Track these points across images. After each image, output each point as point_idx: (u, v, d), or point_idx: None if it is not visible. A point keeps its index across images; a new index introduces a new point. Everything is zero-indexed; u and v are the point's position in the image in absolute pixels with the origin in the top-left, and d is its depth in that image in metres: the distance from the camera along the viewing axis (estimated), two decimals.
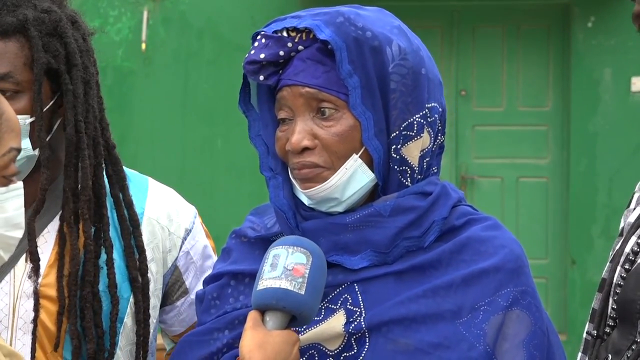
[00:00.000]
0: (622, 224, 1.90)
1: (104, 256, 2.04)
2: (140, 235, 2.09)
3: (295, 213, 1.84)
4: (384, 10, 1.87)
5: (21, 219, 1.68)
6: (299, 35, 1.81)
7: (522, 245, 1.88)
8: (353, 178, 1.79)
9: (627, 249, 1.78)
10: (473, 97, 8.34)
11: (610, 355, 1.73)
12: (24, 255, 2.01)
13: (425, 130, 1.82)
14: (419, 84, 1.80)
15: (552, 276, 8.12)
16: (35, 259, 1.97)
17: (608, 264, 1.84)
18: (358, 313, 1.78)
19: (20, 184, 1.68)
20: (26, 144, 1.96)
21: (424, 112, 1.81)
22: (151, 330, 2.11)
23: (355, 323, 1.77)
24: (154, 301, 2.12)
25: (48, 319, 2.00)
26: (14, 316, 2.00)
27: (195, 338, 1.90)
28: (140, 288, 2.07)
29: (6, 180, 1.67)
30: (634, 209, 1.86)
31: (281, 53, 1.80)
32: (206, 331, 1.88)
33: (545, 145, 8.26)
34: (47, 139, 1.99)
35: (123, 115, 8.00)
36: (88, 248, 2.01)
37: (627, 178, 7.82)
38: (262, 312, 1.69)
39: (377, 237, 1.80)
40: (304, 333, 1.79)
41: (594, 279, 7.74)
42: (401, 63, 1.79)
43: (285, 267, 1.69)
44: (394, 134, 1.79)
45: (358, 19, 1.78)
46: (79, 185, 2.02)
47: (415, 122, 1.80)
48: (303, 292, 1.67)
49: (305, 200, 1.83)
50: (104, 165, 2.08)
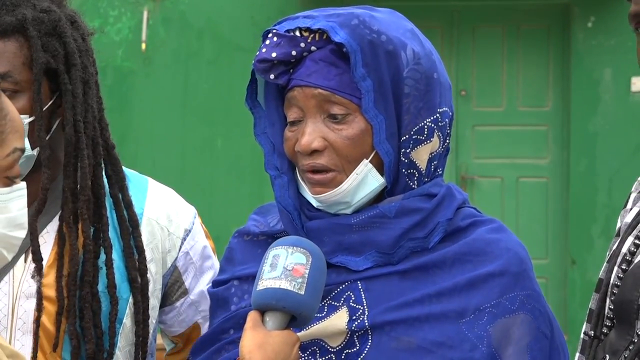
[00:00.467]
0: (619, 224, 1.89)
1: (103, 256, 2.03)
2: (140, 235, 2.08)
3: (300, 213, 1.83)
4: (396, 12, 1.86)
5: (24, 219, 1.68)
6: (311, 36, 1.79)
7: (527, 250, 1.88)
8: (364, 183, 1.79)
9: (624, 249, 1.78)
10: (473, 97, 8.34)
11: (607, 356, 1.73)
12: (23, 256, 2.00)
13: (435, 134, 1.82)
14: (432, 89, 1.80)
15: (552, 276, 8.12)
16: (38, 258, 1.96)
17: (605, 264, 1.84)
18: (361, 311, 1.78)
19: (24, 184, 1.68)
20: (25, 144, 1.95)
21: (435, 117, 1.82)
22: (150, 331, 2.11)
23: (359, 321, 1.77)
24: (153, 302, 2.12)
25: (47, 320, 1.99)
26: (13, 317, 2.00)
27: (211, 336, 1.90)
28: (139, 288, 2.06)
29: (10, 181, 1.67)
30: (631, 209, 1.86)
31: (293, 53, 1.79)
32: (219, 330, 1.89)
33: (545, 145, 8.26)
34: (47, 138, 1.99)
35: (123, 115, 8.00)
36: (87, 248, 2.01)
37: (627, 178, 7.82)
38: (262, 312, 1.69)
39: (382, 238, 1.80)
40: (307, 329, 1.79)
41: (594, 279, 7.66)
42: (415, 68, 1.78)
43: (285, 267, 1.69)
44: (405, 137, 1.79)
45: (373, 22, 1.77)
46: (78, 186, 2.02)
47: (426, 127, 1.81)
48: (303, 293, 1.67)
49: (314, 202, 1.83)
50: (103, 165, 2.07)
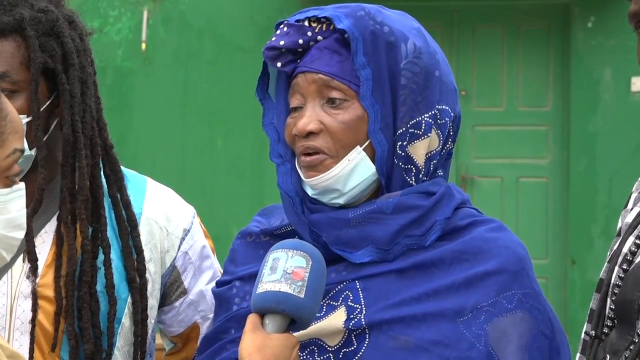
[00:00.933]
0: (619, 224, 1.89)
1: (101, 256, 2.03)
2: (138, 235, 2.08)
3: (302, 200, 1.85)
4: (407, 14, 1.90)
5: (23, 219, 1.68)
6: (319, 26, 1.84)
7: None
8: (355, 170, 1.80)
9: (625, 249, 1.78)
10: (473, 97, 8.34)
11: (608, 356, 1.73)
12: (21, 256, 2.00)
13: (433, 131, 1.83)
14: (431, 85, 1.82)
15: (552, 276, 8.11)
16: (33, 258, 1.97)
17: (606, 264, 1.84)
18: (359, 310, 1.79)
19: (22, 184, 1.68)
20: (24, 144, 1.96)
21: (433, 113, 1.83)
22: (149, 331, 2.11)
23: (356, 320, 1.78)
24: (152, 301, 2.12)
25: (45, 320, 1.99)
26: (11, 317, 2.00)
27: (212, 335, 1.91)
28: (138, 288, 2.06)
29: (9, 181, 1.67)
30: (632, 209, 1.86)
31: (300, 41, 1.83)
32: (221, 330, 1.89)
33: (545, 145, 8.26)
34: (44, 138, 1.99)
35: (123, 115, 8.00)
36: (85, 248, 2.01)
37: (627, 178, 7.82)
38: (262, 315, 1.69)
39: (378, 234, 1.80)
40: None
41: (594, 279, 7.70)
42: (414, 61, 1.81)
43: (285, 270, 1.68)
44: (401, 130, 1.81)
45: (378, 15, 1.82)
46: (76, 185, 2.02)
47: (423, 122, 1.82)
48: (302, 296, 1.67)
49: (309, 191, 1.84)
50: (101, 165, 2.07)
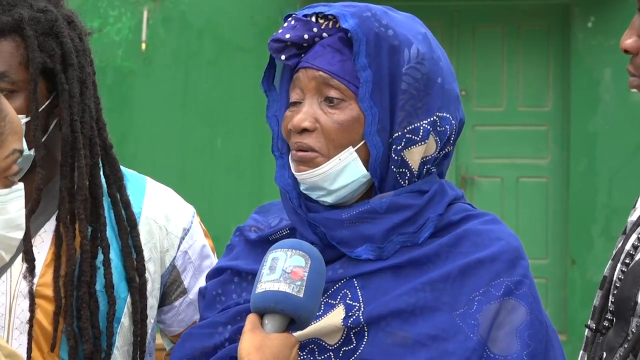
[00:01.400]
0: (627, 223, 1.90)
1: (101, 256, 2.03)
2: (138, 235, 2.08)
3: (299, 194, 1.85)
4: (415, 17, 1.90)
5: (22, 220, 1.68)
6: (326, 23, 1.84)
7: (522, 245, 1.87)
8: (345, 170, 1.80)
9: (627, 247, 1.79)
10: (473, 97, 8.34)
11: (605, 353, 1.73)
12: (20, 255, 2.00)
13: (431, 137, 1.82)
14: (432, 92, 1.81)
15: (552, 276, 8.11)
16: (30, 258, 1.97)
17: (610, 261, 1.84)
18: (357, 307, 1.79)
19: (21, 185, 1.69)
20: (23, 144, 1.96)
21: (432, 119, 1.82)
22: (149, 331, 2.11)
23: (354, 317, 1.78)
24: (152, 301, 2.12)
25: (45, 319, 1.99)
26: (10, 316, 2.00)
27: (198, 331, 1.90)
28: (137, 288, 2.06)
29: (8, 182, 1.67)
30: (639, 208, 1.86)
31: (305, 36, 1.83)
32: (209, 324, 1.89)
33: (545, 145, 8.26)
34: (43, 138, 1.99)
35: (123, 115, 8.00)
36: (84, 248, 2.01)
37: (627, 178, 7.82)
38: (261, 315, 1.69)
39: (372, 232, 1.81)
40: (304, 329, 1.78)
41: (594, 279, 7.74)
42: (416, 67, 1.80)
43: (284, 270, 1.68)
44: (397, 134, 1.80)
45: (384, 17, 1.82)
46: (76, 185, 2.02)
47: (421, 128, 1.81)
48: (302, 295, 1.67)
49: (300, 186, 1.84)
50: (101, 165, 2.07)
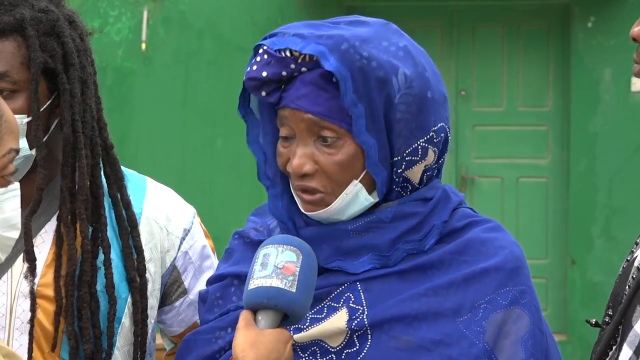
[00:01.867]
0: None
1: (101, 256, 2.03)
2: (138, 235, 2.08)
3: (294, 222, 1.84)
4: (388, 24, 1.84)
5: (18, 219, 1.69)
6: (302, 57, 1.77)
7: (522, 245, 1.88)
8: (353, 201, 1.80)
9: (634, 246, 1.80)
10: (473, 97, 8.34)
11: (597, 349, 1.74)
12: (21, 255, 2.00)
13: (430, 151, 1.82)
14: (425, 109, 1.79)
15: (552, 276, 8.11)
16: (31, 258, 1.97)
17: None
18: (361, 311, 1.79)
19: (17, 184, 1.69)
20: (23, 143, 1.96)
21: (429, 136, 1.81)
22: (149, 331, 2.11)
23: (358, 320, 1.78)
24: (152, 301, 2.12)
25: (45, 319, 1.99)
26: (11, 316, 2.00)
27: (198, 337, 1.90)
28: (138, 288, 2.07)
29: (5, 181, 1.67)
30: None
31: (284, 73, 1.78)
32: (209, 330, 1.89)
33: (545, 145, 8.25)
34: (44, 138, 2.00)
35: (123, 115, 8.00)
36: (85, 248, 2.01)
37: (627, 178, 7.82)
38: (254, 311, 1.69)
39: (378, 241, 1.81)
40: (307, 330, 1.79)
41: (594, 279, 7.74)
42: (407, 92, 1.77)
43: (276, 265, 1.68)
44: (397, 158, 1.79)
45: (363, 47, 1.75)
46: (76, 185, 2.02)
47: (419, 147, 1.80)
48: (294, 290, 1.67)
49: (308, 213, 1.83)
50: (101, 165, 2.07)
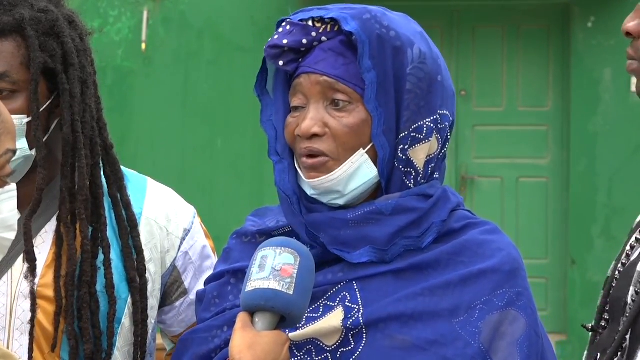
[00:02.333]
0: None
1: (101, 256, 2.03)
2: (138, 235, 2.08)
3: (299, 198, 1.85)
4: (409, 17, 1.90)
5: (14, 220, 1.68)
6: (323, 27, 1.83)
7: (522, 245, 1.89)
8: (357, 172, 1.81)
9: (627, 247, 1.79)
10: (473, 97, 8.34)
11: (599, 354, 1.73)
12: (21, 256, 2.00)
13: (434, 135, 1.84)
14: (433, 90, 1.83)
15: (552, 276, 8.11)
16: (31, 259, 1.96)
17: (613, 262, 1.85)
18: (356, 310, 1.79)
19: (14, 185, 1.68)
20: (23, 144, 1.96)
21: (434, 117, 1.83)
22: (149, 331, 2.11)
23: (354, 319, 1.78)
24: (152, 302, 2.12)
25: (45, 320, 1.99)
26: (11, 317, 2.00)
27: (195, 336, 1.90)
28: (138, 288, 2.06)
29: (1, 182, 1.67)
30: None
31: (304, 41, 1.82)
32: (206, 329, 1.89)
33: (545, 145, 8.26)
34: (44, 139, 1.99)
35: (123, 115, 8.00)
36: (85, 248, 2.01)
37: (627, 178, 7.82)
38: (252, 313, 1.69)
39: (377, 234, 1.81)
40: (302, 329, 1.79)
41: (594, 279, 7.74)
42: (419, 66, 1.81)
43: (274, 267, 1.68)
44: (403, 134, 1.81)
45: (384, 18, 1.81)
46: (76, 186, 2.02)
47: (425, 126, 1.82)
48: (292, 292, 1.66)
49: (308, 191, 1.84)
50: (101, 165, 2.07)
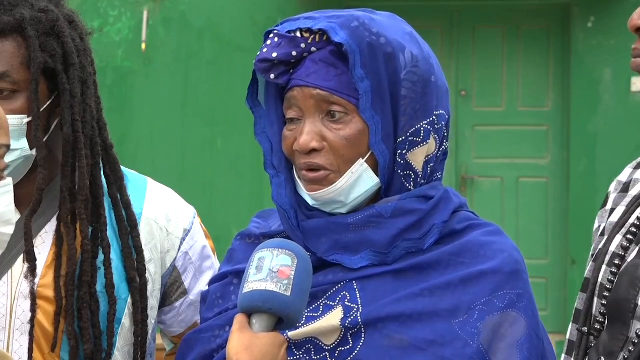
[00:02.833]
0: (597, 224, 1.90)
1: (101, 256, 2.03)
2: (138, 235, 2.08)
3: (297, 212, 1.84)
4: (395, 15, 1.88)
5: (12, 215, 1.68)
6: (312, 37, 1.81)
7: (523, 245, 1.89)
8: (358, 182, 1.80)
9: (612, 248, 1.78)
10: (473, 97, 8.34)
11: (602, 358, 1.71)
12: (21, 256, 2.00)
13: (431, 136, 1.83)
14: (428, 91, 1.82)
15: (552, 276, 8.11)
16: (31, 259, 1.96)
17: (591, 263, 1.84)
18: (355, 309, 1.79)
19: (10, 180, 1.68)
20: (23, 144, 1.96)
21: (431, 119, 1.83)
22: (149, 331, 2.11)
23: (352, 318, 1.78)
24: (152, 302, 2.12)
25: (45, 320, 1.99)
26: (11, 317, 2.00)
27: (199, 335, 1.90)
28: (138, 288, 2.07)
29: None
30: (612, 209, 1.86)
31: (294, 53, 1.80)
32: (209, 328, 1.89)
33: (545, 145, 8.26)
34: (45, 139, 2.00)
35: (123, 115, 8.00)
36: (85, 248, 2.01)
37: None
38: (249, 315, 1.69)
39: (378, 238, 1.81)
40: (302, 328, 1.79)
41: None
42: (413, 70, 1.80)
43: (271, 269, 1.68)
44: (401, 139, 1.81)
45: (373, 25, 1.79)
46: (76, 185, 2.02)
47: (422, 129, 1.82)
48: (289, 294, 1.66)
49: (310, 201, 1.83)
50: (101, 165, 2.07)
